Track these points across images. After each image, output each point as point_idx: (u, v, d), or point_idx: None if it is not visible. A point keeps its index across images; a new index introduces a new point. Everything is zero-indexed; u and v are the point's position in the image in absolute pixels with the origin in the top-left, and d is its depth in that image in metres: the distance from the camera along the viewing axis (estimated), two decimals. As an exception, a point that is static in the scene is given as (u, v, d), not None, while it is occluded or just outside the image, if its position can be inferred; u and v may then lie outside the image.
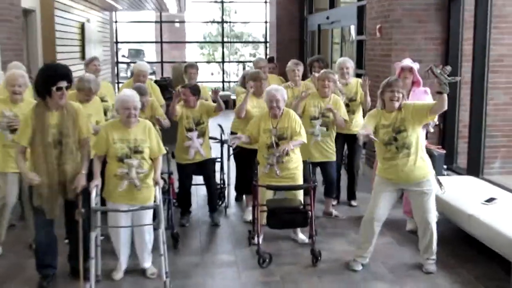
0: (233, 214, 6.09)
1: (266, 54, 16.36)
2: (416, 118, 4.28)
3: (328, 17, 11.37)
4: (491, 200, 4.91)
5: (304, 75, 6.57)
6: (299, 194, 4.98)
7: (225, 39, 20.03)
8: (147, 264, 4.47)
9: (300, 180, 5.02)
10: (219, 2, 19.81)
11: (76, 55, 10.81)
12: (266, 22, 16.49)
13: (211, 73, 22.94)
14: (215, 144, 6.16)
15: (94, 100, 5.12)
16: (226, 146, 6.26)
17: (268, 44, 16.12)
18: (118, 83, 15.36)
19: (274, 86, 5.09)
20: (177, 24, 25.08)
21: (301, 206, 4.77)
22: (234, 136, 5.15)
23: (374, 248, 4.59)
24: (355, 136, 4.59)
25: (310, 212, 4.73)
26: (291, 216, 4.72)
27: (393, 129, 4.31)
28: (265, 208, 4.75)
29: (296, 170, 4.99)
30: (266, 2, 16.44)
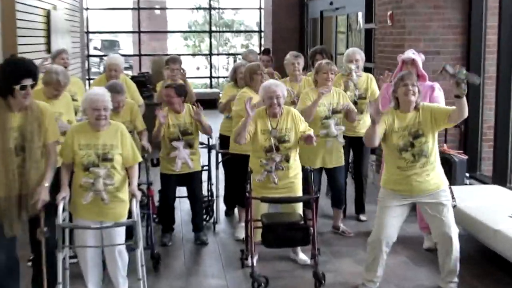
0: (223, 231, 6.07)
1: (261, 46, 16.37)
2: (435, 123, 4.29)
3: (332, 3, 11.41)
4: (521, 213, 4.92)
5: (305, 70, 6.58)
6: (299, 207, 4.97)
7: (213, 28, 20.03)
8: (123, 290, 4.45)
9: (299, 191, 4.99)
10: (206, -14, 19.88)
11: (41, 48, 10.74)
12: (261, 9, 16.50)
13: (197, 68, 22.98)
14: (202, 150, 6.13)
15: (64, 96, 5.06)
16: (214, 152, 6.25)
17: (263, 34, 16.14)
18: (90, 79, 15.31)
19: (273, 81, 5.07)
20: (158, 11, 25.10)
21: (302, 221, 4.75)
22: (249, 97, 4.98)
23: (387, 269, 4.59)
24: (362, 139, 4.58)
25: (312, 228, 4.71)
26: (290, 233, 4.69)
27: (410, 133, 4.30)
28: (260, 224, 4.73)
29: (295, 179, 4.97)
30: (260, -14, 16.49)
